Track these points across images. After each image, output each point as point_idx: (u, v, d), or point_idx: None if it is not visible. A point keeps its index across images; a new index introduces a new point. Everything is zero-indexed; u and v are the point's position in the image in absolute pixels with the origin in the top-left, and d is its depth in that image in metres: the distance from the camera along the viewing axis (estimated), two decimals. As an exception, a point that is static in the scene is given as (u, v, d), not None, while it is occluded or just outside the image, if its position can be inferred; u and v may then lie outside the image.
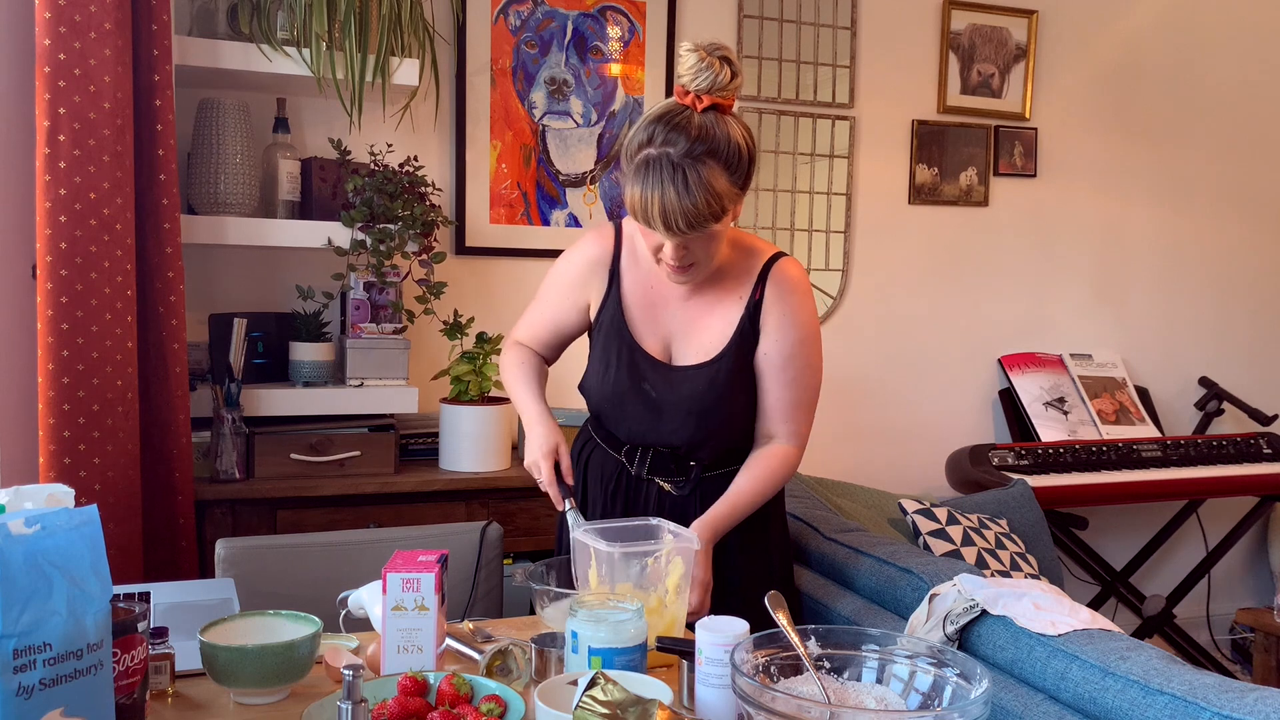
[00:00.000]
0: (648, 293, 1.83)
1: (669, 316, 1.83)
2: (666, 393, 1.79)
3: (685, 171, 1.58)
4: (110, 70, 2.16)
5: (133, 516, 2.24)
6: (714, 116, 1.62)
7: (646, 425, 1.82)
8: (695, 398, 1.78)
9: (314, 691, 1.38)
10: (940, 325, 3.60)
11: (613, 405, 1.84)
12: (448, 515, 2.57)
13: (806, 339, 1.81)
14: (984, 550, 2.60)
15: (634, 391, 1.80)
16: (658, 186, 1.59)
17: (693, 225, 1.61)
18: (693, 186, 1.58)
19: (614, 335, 1.83)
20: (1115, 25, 3.73)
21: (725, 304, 1.81)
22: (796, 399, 1.81)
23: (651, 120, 1.62)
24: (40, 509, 1.22)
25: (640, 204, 1.61)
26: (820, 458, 3.25)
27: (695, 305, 1.82)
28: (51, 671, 1.05)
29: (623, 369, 1.81)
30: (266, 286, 2.79)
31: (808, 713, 1.07)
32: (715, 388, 1.78)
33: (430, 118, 2.93)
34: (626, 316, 1.83)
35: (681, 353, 1.82)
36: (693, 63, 1.61)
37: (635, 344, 1.82)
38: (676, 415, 1.80)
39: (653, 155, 1.60)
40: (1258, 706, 1.29)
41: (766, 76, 3.29)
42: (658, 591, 1.51)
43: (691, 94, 1.62)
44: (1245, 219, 3.99)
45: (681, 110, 1.62)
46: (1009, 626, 1.66)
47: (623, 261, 1.85)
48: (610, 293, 1.84)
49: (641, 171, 1.61)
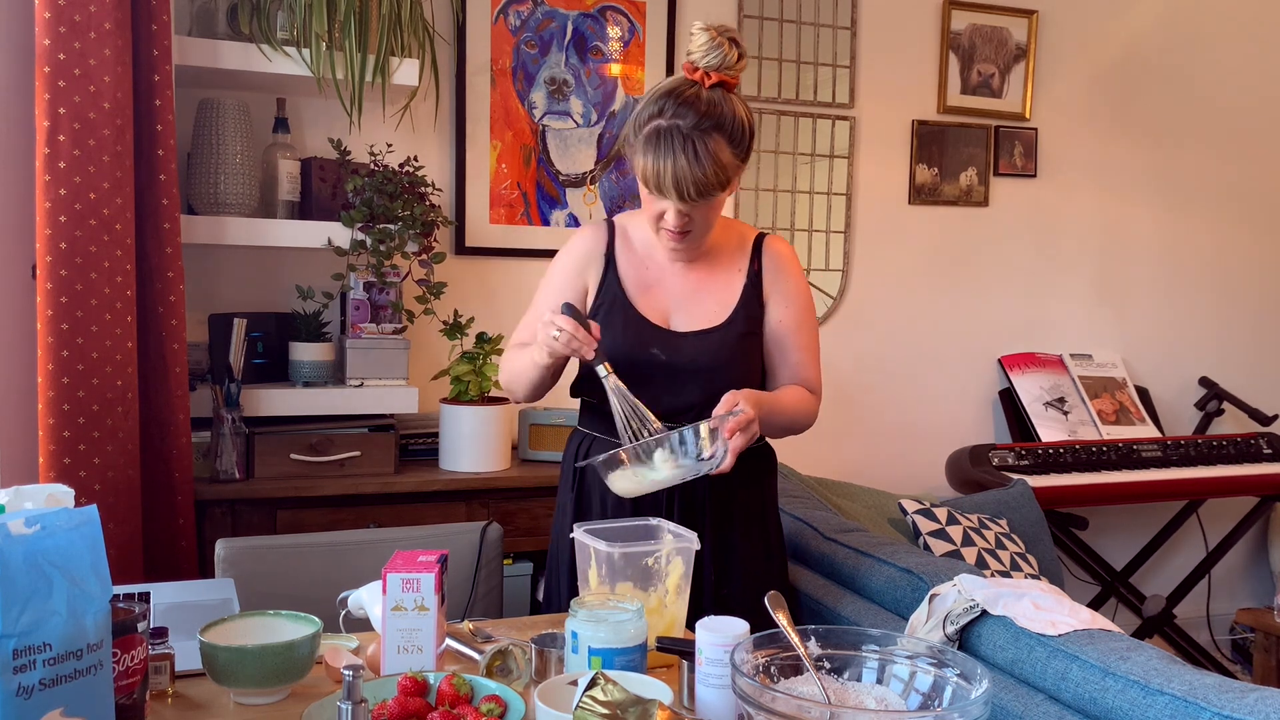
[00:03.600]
0: (643, 274, 1.90)
1: (665, 292, 1.89)
2: (675, 355, 1.84)
3: (695, 143, 1.69)
4: (110, 70, 2.16)
5: (133, 516, 2.24)
6: (720, 93, 1.72)
7: (658, 388, 1.83)
8: (706, 358, 1.84)
9: (314, 691, 1.38)
10: (940, 325, 3.60)
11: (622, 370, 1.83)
12: (448, 515, 2.57)
13: (808, 304, 1.96)
14: (984, 550, 2.60)
15: (642, 354, 1.84)
16: (669, 156, 1.69)
17: (701, 193, 1.71)
18: (701, 157, 1.69)
19: (616, 309, 1.88)
20: (1115, 25, 3.73)
21: (722, 276, 1.90)
22: (812, 356, 1.95)
23: (661, 94, 1.72)
24: (40, 509, 1.22)
25: (651, 171, 1.71)
26: (820, 458, 3.25)
27: (691, 279, 1.90)
28: (51, 671, 1.04)
29: (630, 334, 1.85)
30: (266, 286, 2.79)
31: (808, 713, 1.07)
32: (726, 348, 1.85)
33: (430, 118, 2.93)
34: (626, 292, 1.89)
35: (682, 321, 1.88)
36: (704, 41, 1.72)
37: (637, 312, 1.87)
38: (686, 377, 1.84)
39: (663, 126, 1.70)
40: (1258, 706, 1.29)
41: (766, 76, 3.29)
42: (658, 591, 1.51)
43: (700, 70, 1.73)
44: (1245, 219, 3.99)
45: (690, 85, 1.72)
46: (1009, 627, 1.66)
47: (617, 248, 1.92)
48: (608, 274, 1.91)
49: (652, 141, 1.70)
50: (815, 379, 1.95)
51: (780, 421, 1.86)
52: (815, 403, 1.94)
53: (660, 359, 1.84)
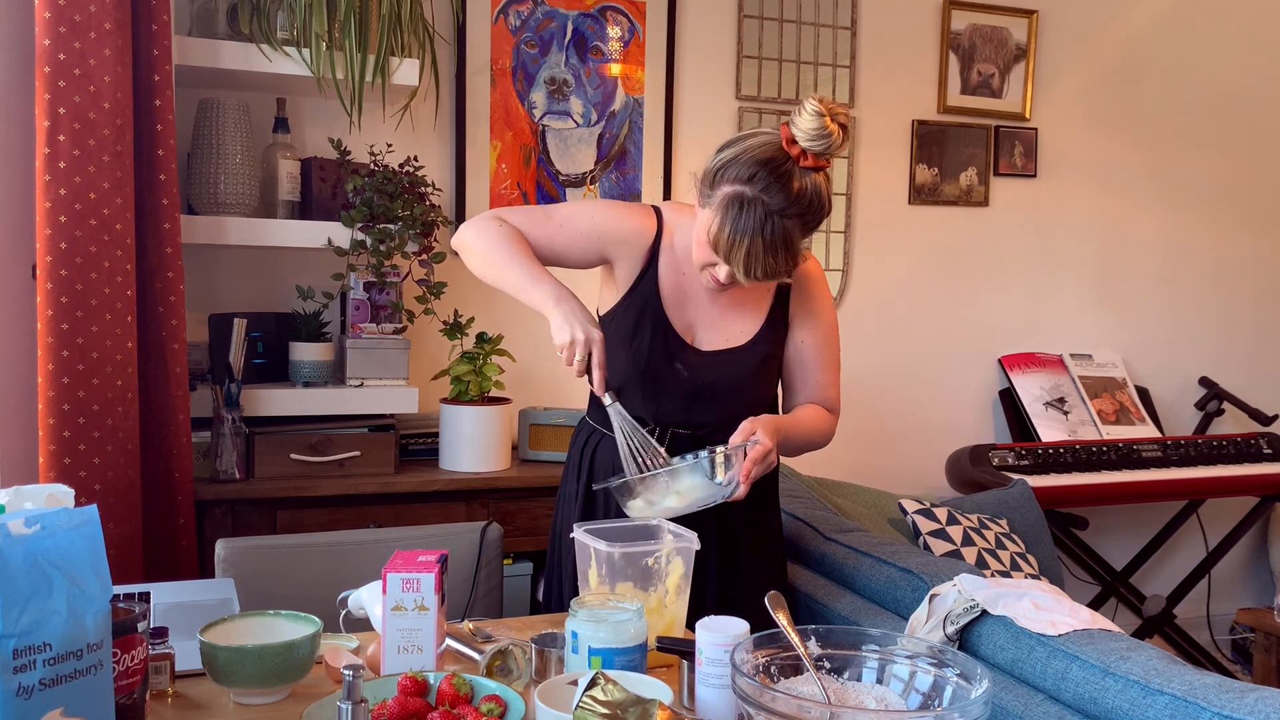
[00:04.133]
0: (679, 281, 1.86)
1: (696, 306, 1.86)
2: (697, 374, 1.82)
3: (775, 225, 1.62)
4: (110, 70, 2.16)
5: (133, 516, 2.24)
6: (814, 179, 1.65)
7: (677, 404, 1.82)
8: (726, 380, 1.82)
9: (314, 691, 1.38)
10: (940, 325, 3.60)
11: (643, 380, 1.83)
12: (448, 515, 2.57)
13: (834, 324, 1.94)
14: (984, 550, 2.60)
15: (668, 369, 1.82)
16: (746, 232, 1.62)
17: (768, 275, 1.66)
18: (778, 244, 1.63)
19: (647, 311, 1.83)
20: (1115, 25, 3.73)
21: (752, 294, 1.85)
22: (833, 376, 1.94)
23: (756, 162, 1.63)
24: (40, 509, 1.22)
25: (725, 240, 1.64)
26: (820, 458, 3.22)
27: (722, 299, 1.86)
28: (51, 671, 1.04)
29: (657, 343, 1.82)
30: (266, 286, 2.79)
31: (808, 713, 1.07)
32: (747, 370, 1.84)
33: (430, 118, 2.93)
34: (662, 298, 1.84)
35: (706, 339, 1.85)
36: (815, 125, 1.61)
37: (669, 323, 1.84)
38: (704, 396, 1.82)
39: (748, 196, 1.62)
40: (1258, 706, 1.29)
41: (766, 76, 3.29)
42: (658, 591, 1.52)
43: (799, 148, 1.63)
44: (1245, 219, 3.99)
45: (786, 160, 1.63)
46: (1009, 627, 1.66)
47: (662, 248, 1.86)
48: (646, 274, 1.84)
49: (734, 208, 1.63)
50: (835, 399, 1.94)
51: (797, 444, 1.86)
52: (833, 422, 1.93)
53: (682, 375, 1.82)
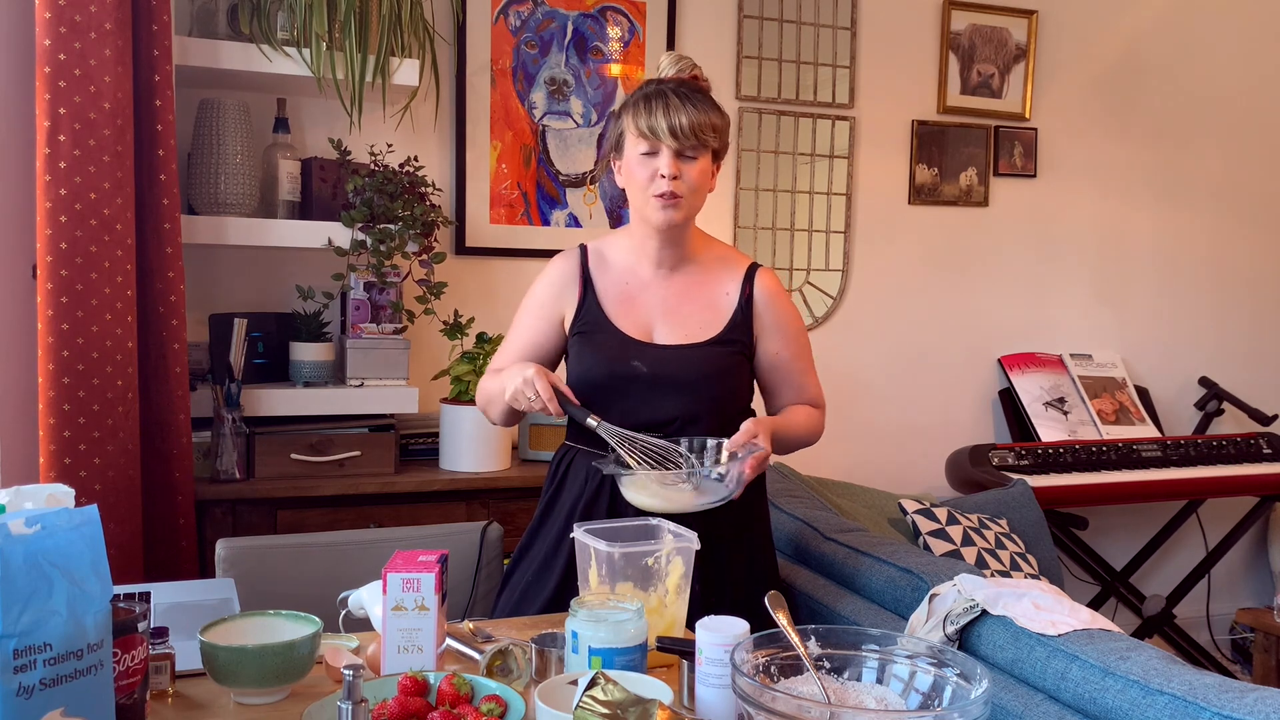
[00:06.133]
0: (623, 288, 1.92)
1: (647, 306, 1.91)
2: (657, 368, 1.85)
3: (686, 94, 1.81)
4: (110, 70, 2.16)
5: (133, 516, 2.24)
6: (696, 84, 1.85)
7: (638, 399, 1.84)
8: (689, 373, 1.85)
9: (314, 691, 1.38)
10: (940, 325, 3.60)
11: (604, 386, 1.85)
12: (448, 515, 2.57)
13: (802, 329, 2.02)
14: (984, 550, 2.60)
15: (623, 368, 1.85)
16: (660, 103, 1.79)
17: (694, 130, 1.78)
18: (692, 100, 1.80)
19: (594, 327, 1.89)
20: (1115, 25, 3.73)
21: (707, 293, 1.92)
22: (812, 375, 2.02)
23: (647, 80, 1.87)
24: (40, 509, 1.22)
25: (645, 122, 1.79)
26: (820, 458, 3.24)
27: (674, 289, 1.91)
28: (51, 671, 1.05)
29: (609, 350, 1.86)
30: (266, 286, 2.79)
31: (808, 713, 1.07)
32: (709, 364, 1.87)
33: (430, 118, 2.93)
34: (605, 310, 1.90)
35: (665, 334, 1.89)
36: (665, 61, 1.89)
37: (617, 329, 1.89)
38: (667, 389, 1.84)
39: (652, 89, 1.82)
40: (1258, 706, 1.29)
41: (766, 76, 3.29)
42: (658, 591, 1.52)
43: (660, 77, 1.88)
44: (1245, 219, 3.99)
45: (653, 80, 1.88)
46: (1009, 626, 1.66)
47: (591, 270, 1.94)
48: (586, 297, 1.92)
49: (644, 100, 1.81)
50: (818, 394, 2.02)
51: (792, 442, 1.93)
52: (821, 416, 2.01)
53: (641, 370, 1.84)
